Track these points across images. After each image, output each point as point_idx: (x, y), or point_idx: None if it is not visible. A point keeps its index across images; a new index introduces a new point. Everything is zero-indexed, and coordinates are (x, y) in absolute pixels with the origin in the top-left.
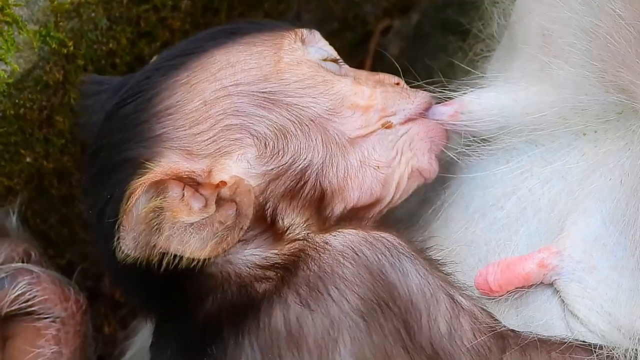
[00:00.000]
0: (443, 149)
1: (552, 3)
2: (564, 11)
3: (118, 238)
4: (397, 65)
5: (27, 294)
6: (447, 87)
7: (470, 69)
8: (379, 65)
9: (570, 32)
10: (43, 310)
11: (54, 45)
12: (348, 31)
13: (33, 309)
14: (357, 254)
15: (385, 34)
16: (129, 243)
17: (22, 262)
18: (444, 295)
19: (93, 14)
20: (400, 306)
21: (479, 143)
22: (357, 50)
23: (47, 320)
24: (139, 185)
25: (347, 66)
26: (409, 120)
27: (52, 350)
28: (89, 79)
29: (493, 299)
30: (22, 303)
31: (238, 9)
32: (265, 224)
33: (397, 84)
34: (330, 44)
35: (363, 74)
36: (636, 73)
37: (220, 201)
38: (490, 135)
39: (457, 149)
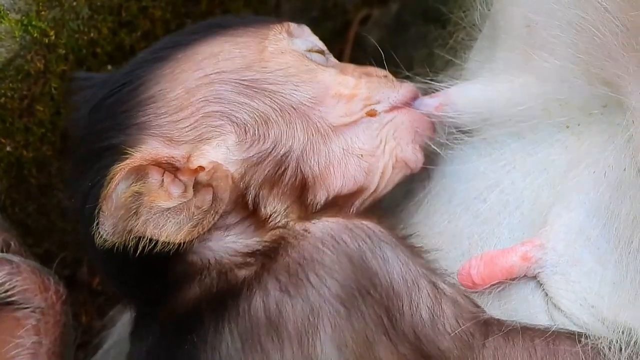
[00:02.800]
0: (427, 140)
1: None
2: (549, 3)
3: (97, 223)
4: (381, 52)
5: (7, 284)
6: (432, 78)
7: (451, 57)
8: (359, 54)
9: (555, 24)
10: (23, 301)
11: (35, 35)
12: (328, 20)
13: (13, 299)
14: (337, 241)
15: (364, 23)
16: (107, 228)
17: (2, 251)
18: (425, 282)
19: (74, 3)
20: (381, 293)
21: (462, 135)
22: (336, 39)
23: (27, 310)
24: (119, 171)
25: (334, 59)
26: (394, 108)
27: (32, 341)
28: (78, 75)
29: (476, 292)
30: (1, 293)
31: None
32: (247, 211)
33: (385, 76)
34: None
35: (350, 66)
36: (622, 66)
37: (197, 186)
38: (474, 127)
39: (440, 141)
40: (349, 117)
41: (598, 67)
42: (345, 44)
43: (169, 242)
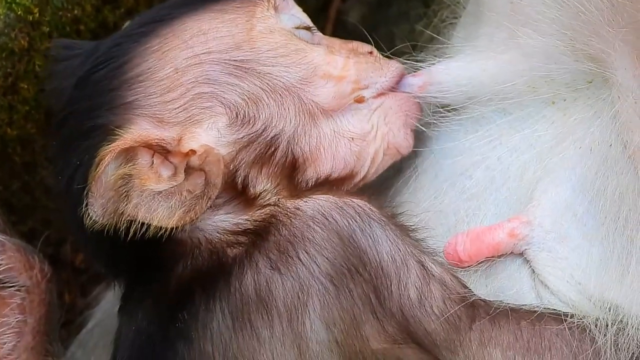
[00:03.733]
0: (416, 122)
1: None
2: None
3: (86, 204)
4: (363, 29)
5: None
6: (415, 57)
7: (435, 35)
8: (341, 31)
9: (540, 0)
10: (8, 279)
11: (19, 12)
12: None
13: None
14: (328, 219)
15: (345, 0)
16: (97, 210)
17: None
18: (414, 262)
19: None
20: (370, 272)
21: (447, 113)
22: (318, 16)
23: (12, 289)
24: (108, 152)
25: (320, 34)
26: (381, 94)
27: (17, 319)
28: (58, 43)
29: (462, 269)
30: None
31: None
32: (236, 190)
33: (370, 53)
34: None
35: (336, 42)
36: (607, 42)
37: (189, 170)
38: (459, 105)
39: (425, 119)
40: (339, 100)
41: (583, 43)
42: (327, 22)
43: (161, 227)
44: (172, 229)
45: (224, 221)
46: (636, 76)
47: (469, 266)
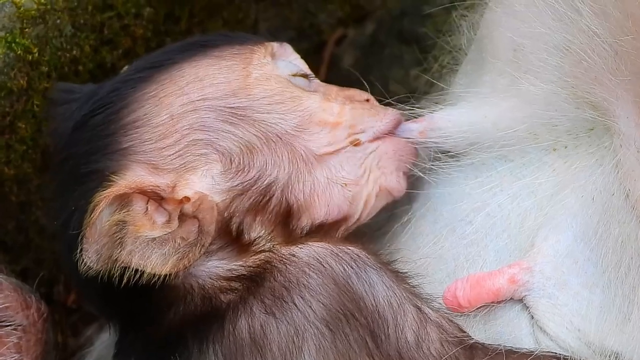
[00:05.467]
0: (410, 166)
1: (523, 18)
2: (536, 27)
3: (81, 250)
4: (360, 78)
5: None
6: (415, 103)
7: (434, 81)
8: (335, 75)
9: (542, 47)
10: (5, 318)
11: (19, 52)
12: (304, 40)
13: None
14: (323, 265)
15: (339, 43)
16: (91, 256)
17: None
18: (410, 306)
19: (58, 21)
20: (366, 316)
21: (448, 159)
22: (312, 59)
23: (9, 328)
24: (103, 198)
25: (317, 81)
26: (378, 138)
27: (13, 358)
28: (59, 86)
29: (462, 314)
30: None
31: (198, 17)
32: (231, 237)
33: (367, 100)
34: None
35: (333, 89)
36: (610, 90)
37: (183, 217)
38: (460, 151)
39: (425, 165)
40: (333, 146)
41: (585, 90)
42: (321, 64)
43: (154, 273)
44: (165, 275)
45: (218, 267)
46: (638, 125)
47: (468, 312)
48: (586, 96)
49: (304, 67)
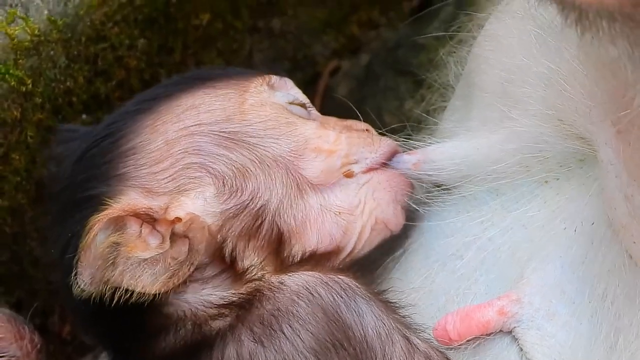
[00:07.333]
0: (406, 199)
1: (511, 51)
2: (522, 59)
3: (75, 273)
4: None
5: None
6: (409, 136)
7: (423, 114)
8: (329, 105)
9: (528, 80)
10: None
11: (12, 83)
12: (298, 71)
13: None
14: (312, 294)
15: (334, 74)
16: (85, 278)
17: None
18: (399, 337)
19: (52, 52)
20: (355, 346)
21: (440, 192)
22: (307, 90)
23: (3, 359)
24: (97, 221)
25: (316, 112)
26: (371, 169)
27: None
28: (63, 127)
29: (451, 348)
30: None
31: (192, 48)
32: (224, 264)
33: (367, 130)
34: None
35: (331, 119)
36: (589, 118)
37: (174, 237)
38: (452, 184)
39: (418, 198)
40: (328, 174)
41: (569, 121)
42: (315, 95)
43: (144, 293)
44: (154, 295)
45: (211, 294)
46: (616, 151)
47: (458, 345)
48: (571, 127)
49: (303, 98)
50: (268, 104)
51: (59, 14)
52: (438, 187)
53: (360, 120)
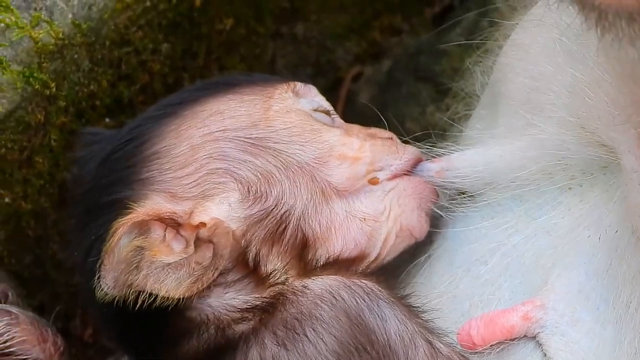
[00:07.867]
0: (431, 206)
1: (536, 60)
2: (546, 66)
3: (99, 277)
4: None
5: (6, 334)
6: (434, 142)
7: (451, 122)
8: (351, 112)
9: (552, 87)
10: (21, 352)
11: (37, 86)
12: (320, 77)
13: (12, 349)
14: (336, 298)
15: (356, 80)
16: (109, 282)
17: (0, 302)
18: (422, 341)
19: (76, 56)
20: (377, 350)
21: (464, 199)
22: (329, 95)
23: None
24: (121, 225)
25: (339, 119)
26: (396, 176)
27: None
28: (86, 130)
29: (475, 352)
30: (0, 344)
31: (216, 53)
32: (248, 268)
33: (390, 138)
34: None
35: (355, 127)
36: (612, 125)
37: (198, 242)
38: (476, 191)
39: (442, 205)
40: (353, 181)
41: (592, 128)
42: (338, 101)
43: (168, 297)
44: (178, 299)
45: (234, 299)
46: (638, 158)
47: (482, 350)
48: (594, 134)
49: (327, 105)
50: (293, 110)
51: (83, 17)
52: (462, 194)
53: (384, 125)
